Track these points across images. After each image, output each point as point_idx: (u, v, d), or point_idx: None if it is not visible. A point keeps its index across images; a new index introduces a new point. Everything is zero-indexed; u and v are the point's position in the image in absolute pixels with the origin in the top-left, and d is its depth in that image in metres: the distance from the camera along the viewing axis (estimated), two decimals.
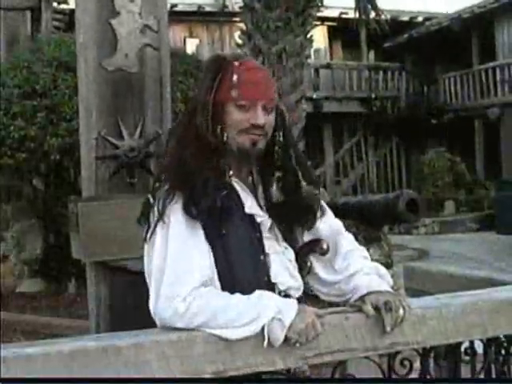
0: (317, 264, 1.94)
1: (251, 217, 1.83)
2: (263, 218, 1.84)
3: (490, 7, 15.95)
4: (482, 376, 1.97)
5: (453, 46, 17.10)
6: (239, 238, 1.78)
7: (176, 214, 1.73)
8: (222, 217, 1.74)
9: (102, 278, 3.53)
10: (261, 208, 1.85)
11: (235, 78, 1.77)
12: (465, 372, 1.98)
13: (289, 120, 1.92)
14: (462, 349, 1.94)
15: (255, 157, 1.83)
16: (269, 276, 1.82)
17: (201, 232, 1.74)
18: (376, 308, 1.75)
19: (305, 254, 1.92)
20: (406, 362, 1.86)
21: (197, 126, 1.78)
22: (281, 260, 1.86)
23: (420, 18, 18.65)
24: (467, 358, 1.96)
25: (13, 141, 6.72)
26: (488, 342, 1.95)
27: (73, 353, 1.53)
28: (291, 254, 1.90)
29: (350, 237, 2.05)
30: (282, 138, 1.85)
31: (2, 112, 6.77)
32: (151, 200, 1.78)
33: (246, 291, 1.71)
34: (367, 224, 5.88)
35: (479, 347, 1.96)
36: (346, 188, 17.10)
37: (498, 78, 16.07)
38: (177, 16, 15.25)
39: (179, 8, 15.94)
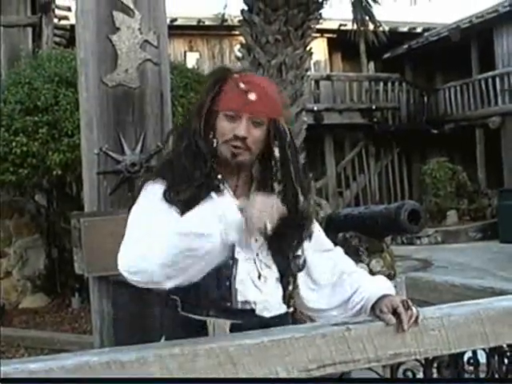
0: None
1: None
2: None
3: (488, 17, 15.99)
4: None
5: (452, 56, 17.15)
6: None
7: (155, 194, 1.80)
8: None
9: (105, 292, 3.54)
10: None
11: (228, 88, 1.85)
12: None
13: (292, 141, 1.94)
14: (465, 359, 1.94)
15: (238, 167, 1.87)
16: (231, 282, 1.82)
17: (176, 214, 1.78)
18: (394, 311, 1.77)
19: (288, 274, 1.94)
20: (409, 373, 1.87)
21: (191, 130, 1.87)
22: (248, 269, 1.86)
23: (419, 29, 18.69)
24: (470, 368, 1.96)
25: (15, 157, 6.73)
26: (491, 352, 1.95)
27: (76, 368, 1.53)
28: (269, 270, 1.90)
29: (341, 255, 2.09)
30: (278, 153, 1.88)
31: (4, 128, 6.79)
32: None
33: (202, 292, 1.76)
34: (370, 235, 5.88)
35: (482, 357, 1.96)
36: (348, 199, 17.10)
37: (497, 87, 16.09)
38: (177, 30, 15.32)
39: (179, 22, 16.00)
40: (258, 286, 1.87)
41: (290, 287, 1.93)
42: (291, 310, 1.95)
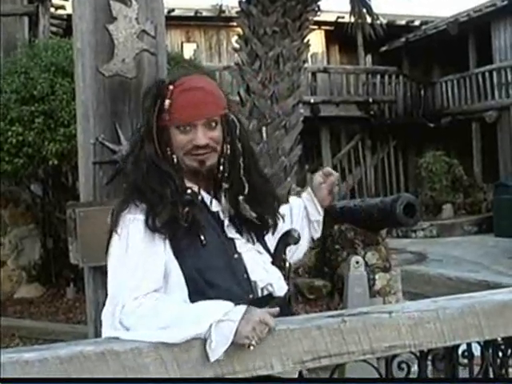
0: None
1: (217, 217, 1.87)
2: (226, 219, 1.88)
3: (486, 11, 15.97)
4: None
5: (450, 50, 17.14)
6: (209, 242, 1.80)
7: (135, 225, 1.77)
8: (190, 227, 1.77)
9: (100, 282, 3.52)
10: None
11: (167, 102, 1.81)
12: (462, 375, 1.99)
13: (242, 128, 1.91)
14: (460, 351, 1.94)
15: (208, 171, 1.85)
16: (247, 273, 1.84)
17: (160, 244, 1.76)
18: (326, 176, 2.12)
19: (280, 251, 1.96)
20: (404, 365, 1.87)
21: (147, 151, 1.82)
22: (253, 257, 1.88)
23: (417, 22, 18.66)
24: (465, 360, 1.97)
25: (10, 146, 6.72)
26: (485, 345, 1.96)
27: (70, 357, 1.53)
28: (263, 253, 1.94)
29: None
30: (228, 150, 1.86)
31: (0, 118, 6.77)
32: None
33: (224, 293, 1.72)
34: (365, 228, 5.89)
35: (476, 350, 1.97)
36: (343, 192, 17.10)
37: (494, 81, 16.10)
38: (174, 21, 15.27)
39: (176, 13, 15.95)
40: (266, 268, 1.89)
41: (287, 264, 1.97)
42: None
